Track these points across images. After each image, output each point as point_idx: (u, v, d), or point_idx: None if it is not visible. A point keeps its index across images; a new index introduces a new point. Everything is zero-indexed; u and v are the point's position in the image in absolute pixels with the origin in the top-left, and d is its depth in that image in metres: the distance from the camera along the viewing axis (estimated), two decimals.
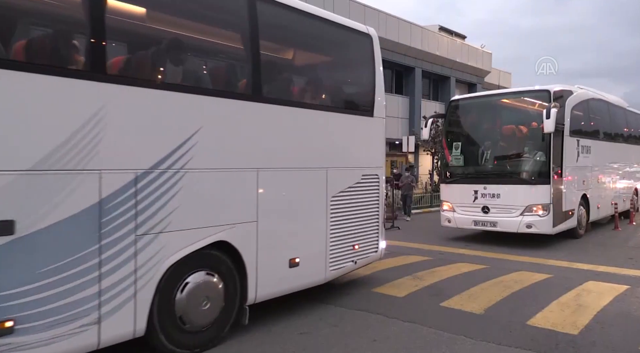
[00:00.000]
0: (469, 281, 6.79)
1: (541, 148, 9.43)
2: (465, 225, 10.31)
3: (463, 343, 4.51)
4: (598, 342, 4.54)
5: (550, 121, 8.71)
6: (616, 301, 5.86)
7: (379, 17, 22.02)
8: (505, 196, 9.58)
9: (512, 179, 9.68)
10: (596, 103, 12.31)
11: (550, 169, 9.27)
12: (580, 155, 10.72)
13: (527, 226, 9.32)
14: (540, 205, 9.27)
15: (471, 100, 11.57)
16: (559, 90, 10.05)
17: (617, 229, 12.26)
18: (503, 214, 9.62)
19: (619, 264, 8.09)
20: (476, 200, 9.94)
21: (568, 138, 10.04)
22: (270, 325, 5.02)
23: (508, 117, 10.67)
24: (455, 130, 11.20)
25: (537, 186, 9.33)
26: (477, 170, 10.42)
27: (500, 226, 9.68)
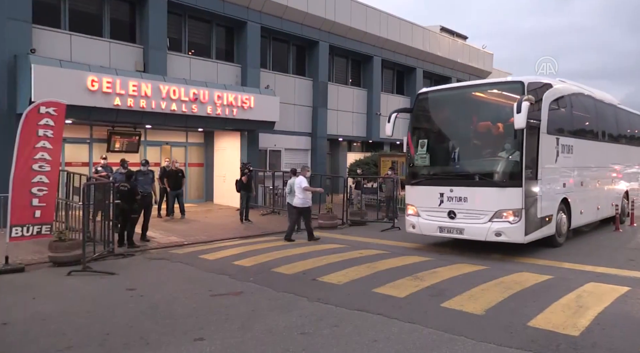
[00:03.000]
0: (469, 282, 6.78)
1: (513, 146, 8.45)
2: (430, 232, 9.33)
3: (463, 344, 4.51)
4: (599, 344, 4.53)
5: (521, 116, 7.78)
6: (617, 302, 5.85)
7: (380, 18, 22.00)
8: (473, 200, 8.68)
9: (480, 181, 8.71)
10: (580, 99, 11.27)
11: (522, 170, 8.29)
12: (561, 155, 9.66)
13: (496, 234, 8.41)
14: (510, 211, 8.35)
15: (439, 93, 10.24)
16: (535, 82, 9.13)
17: (618, 230, 12.24)
18: (470, 220, 8.71)
19: (619, 265, 8.08)
20: (442, 204, 9.00)
21: (545, 136, 9.02)
22: (271, 325, 5.03)
23: (477, 112, 9.49)
24: (422, 126, 10.15)
25: (507, 189, 8.39)
26: (443, 171, 9.49)
27: (467, 233, 8.76)
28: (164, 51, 15.14)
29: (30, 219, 7.99)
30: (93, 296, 6.31)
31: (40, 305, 5.87)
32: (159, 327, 5.02)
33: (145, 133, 15.98)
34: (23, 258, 8.34)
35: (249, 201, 13.86)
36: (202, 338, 4.68)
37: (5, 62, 11.84)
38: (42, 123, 8.06)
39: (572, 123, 10.59)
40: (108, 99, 12.62)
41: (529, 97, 8.09)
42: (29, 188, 7.94)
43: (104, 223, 8.99)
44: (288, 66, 19.94)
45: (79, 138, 14.65)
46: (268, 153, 18.68)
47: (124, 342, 4.61)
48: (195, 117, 14.63)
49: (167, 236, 10.93)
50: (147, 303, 5.92)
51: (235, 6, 16.65)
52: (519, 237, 8.42)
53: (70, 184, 10.63)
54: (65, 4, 13.63)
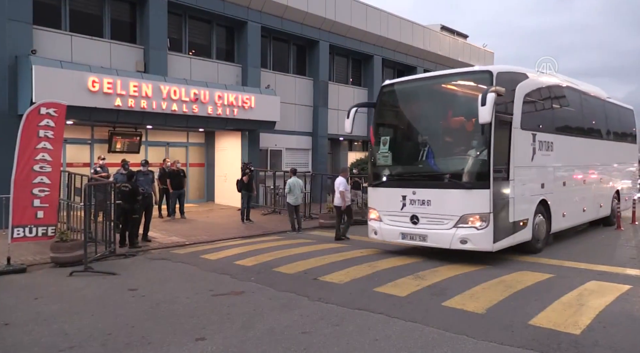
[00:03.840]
0: (470, 280, 6.78)
1: (480, 143, 7.67)
2: (392, 238, 8.58)
3: (465, 343, 4.51)
4: (600, 342, 4.53)
5: (485, 110, 6.98)
6: (618, 301, 5.84)
7: (381, 17, 21.99)
8: (437, 204, 7.93)
9: (444, 182, 7.98)
10: (562, 91, 10.49)
11: (490, 170, 7.52)
12: (538, 153, 8.87)
13: (462, 241, 7.65)
14: (477, 215, 7.58)
15: (402, 84, 9.29)
16: (506, 72, 8.33)
17: (620, 229, 12.23)
18: (434, 225, 7.96)
19: (621, 264, 8.08)
20: (404, 208, 8.26)
21: (519, 132, 8.27)
22: (273, 325, 5.03)
23: (442, 106, 8.70)
24: (385, 121, 9.39)
25: (473, 191, 7.64)
26: (405, 171, 8.73)
27: (430, 240, 8.01)
28: (165, 51, 15.15)
29: (32, 220, 8.00)
30: (95, 296, 6.32)
31: (42, 305, 5.88)
32: (160, 327, 5.03)
33: (146, 133, 16.00)
34: (25, 258, 8.36)
35: (250, 201, 13.87)
36: (204, 337, 4.68)
37: (6, 63, 11.86)
38: (42, 124, 8.08)
39: (552, 118, 9.86)
40: (109, 99, 12.64)
41: (496, 88, 7.32)
42: (30, 188, 7.96)
43: (105, 224, 9.01)
44: (288, 66, 19.94)
45: (80, 139, 14.67)
46: (269, 153, 18.69)
47: (125, 341, 4.62)
48: (196, 117, 14.64)
49: (169, 236, 10.95)
50: (148, 303, 5.93)
51: (235, 6, 16.65)
52: (486, 245, 7.63)
53: (72, 184, 10.64)
54: (65, 4, 13.65)
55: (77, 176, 10.36)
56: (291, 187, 12.19)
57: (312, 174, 16.72)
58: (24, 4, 12.12)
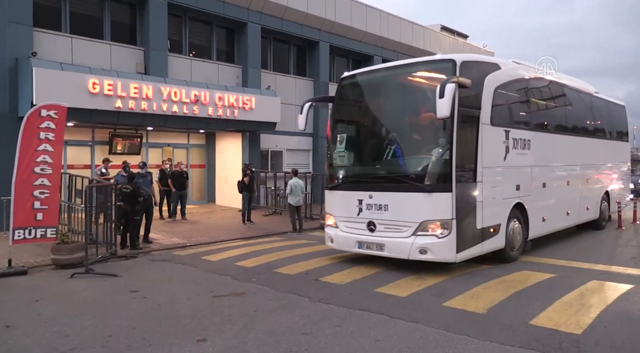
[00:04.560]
0: (471, 281, 6.78)
1: (441, 141, 6.91)
2: (348, 247, 7.84)
3: (466, 343, 4.51)
4: (601, 342, 4.52)
5: (444, 102, 6.26)
6: (620, 300, 5.84)
7: (381, 17, 22.00)
8: (395, 209, 7.18)
9: (402, 185, 7.15)
10: (542, 85, 9.70)
11: (452, 170, 6.76)
12: (512, 151, 8.14)
13: (421, 251, 6.89)
14: (437, 221, 6.82)
15: (362, 76, 8.42)
16: (473, 62, 7.67)
17: (621, 228, 12.21)
18: (391, 233, 7.19)
19: (622, 263, 8.06)
20: (361, 213, 7.50)
21: (489, 129, 7.55)
22: (274, 326, 5.03)
23: (400, 99, 7.91)
24: (342, 118, 8.62)
25: (433, 194, 6.84)
26: (362, 172, 7.96)
27: (387, 250, 7.24)
28: (165, 53, 15.16)
29: (33, 222, 8.01)
30: (96, 298, 6.32)
31: (43, 307, 5.88)
32: (161, 328, 5.03)
33: (146, 134, 16.02)
34: (26, 260, 8.37)
35: (251, 202, 13.87)
36: (205, 339, 4.68)
37: (7, 66, 11.87)
38: (43, 126, 8.09)
39: (530, 114, 9.10)
40: (109, 101, 12.65)
41: (459, 78, 6.69)
42: (31, 190, 7.96)
43: (106, 225, 9.01)
44: (289, 67, 19.95)
45: (81, 141, 14.69)
46: (270, 154, 18.70)
47: (126, 343, 4.62)
48: (196, 118, 14.65)
49: (170, 238, 10.95)
50: (149, 305, 5.93)
51: (235, 7, 16.67)
52: (448, 255, 6.88)
53: (73, 186, 10.65)
54: (66, 7, 13.67)
55: (78, 178, 10.37)
56: (292, 188, 12.19)
57: (313, 175, 16.72)
58: (24, 6, 12.14)
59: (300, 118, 8.43)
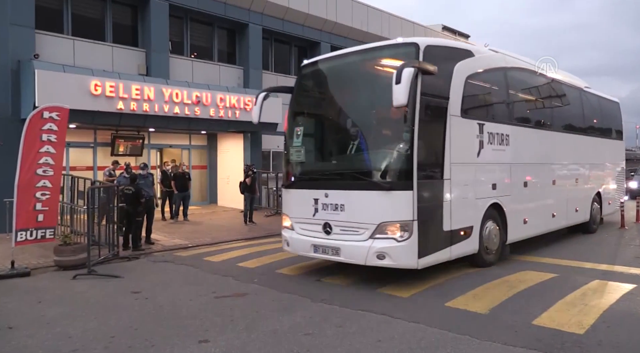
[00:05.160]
0: (473, 281, 6.76)
1: (401, 133, 6.22)
2: (304, 251, 7.10)
3: (468, 343, 4.50)
4: (604, 342, 4.51)
5: (400, 89, 5.54)
6: (622, 300, 5.82)
7: (382, 17, 22.00)
8: (352, 209, 6.48)
9: (359, 182, 6.44)
10: (524, 76, 9.06)
11: (413, 166, 6.06)
12: (487, 147, 7.49)
13: (379, 256, 6.17)
14: (397, 223, 6.10)
15: (321, 64, 7.68)
16: (440, 46, 7.15)
17: (623, 228, 12.17)
18: (348, 236, 6.48)
19: (625, 263, 8.04)
20: (316, 214, 6.81)
21: (459, 121, 6.90)
22: (276, 326, 5.03)
23: (358, 88, 7.19)
24: (300, 109, 7.89)
25: (392, 193, 6.14)
26: (319, 169, 7.32)
27: (344, 254, 6.52)
28: (166, 54, 15.20)
29: (34, 224, 8.04)
30: (98, 299, 6.33)
31: (45, 308, 5.90)
32: (163, 329, 5.04)
33: (148, 136, 16.05)
34: (29, 262, 8.39)
35: (252, 203, 13.88)
36: (207, 340, 4.69)
37: (9, 68, 11.92)
38: (45, 128, 8.11)
39: (509, 107, 8.44)
40: (111, 103, 12.68)
41: (420, 63, 6.05)
42: (33, 192, 7.99)
43: (108, 227, 9.03)
44: (290, 67, 19.97)
45: (83, 142, 14.72)
46: (271, 155, 18.71)
47: (129, 344, 4.63)
48: (198, 119, 14.67)
49: (172, 239, 10.97)
50: (151, 306, 5.94)
51: (236, 8, 16.69)
52: (408, 260, 6.15)
53: (75, 188, 10.68)
54: (67, 9, 13.71)
55: (80, 180, 10.40)
56: None
57: None
58: (26, 8, 12.18)
59: (254, 110, 7.75)
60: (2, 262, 8.09)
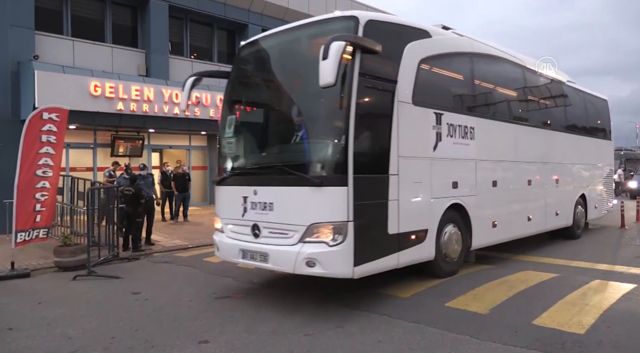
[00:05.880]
0: (473, 281, 6.76)
1: (335, 119, 5.34)
2: (232, 257, 6.16)
3: (468, 344, 4.50)
4: (604, 342, 4.50)
5: (328, 66, 4.74)
6: (623, 300, 5.82)
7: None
8: (281, 208, 5.62)
9: (288, 177, 5.54)
10: (495, 64, 8.30)
11: (348, 158, 5.17)
12: (447, 140, 6.71)
13: (308, 263, 5.24)
14: (328, 225, 5.20)
15: (256, 43, 6.79)
16: (384, 23, 6.11)
17: (624, 227, 12.16)
18: (277, 239, 5.60)
19: (625, 263, 8.04)
20: (245, 213, 5.95)
21: (410, 109, 6.05)
22: (276, 327, 5.03)
23: (292, 69, 6.39)
24: (235, 96, 7.00)
25: (324, 189, 5.23)
26: (249, 162, 6.48)
27: (272, 261, 5.60)
28: (166, 55, 15.21)
29: (32, 224, 8.05)
30: (98, 300, 6.33)
31: (45, 309, 5.89)
32: (163, 330, 5.04)
33: (148, 137, 16.05)
34: (29, 263, 8.39)
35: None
36: (207, 340, 4.68)
37: (9, 69, 11.93)
38: (45, 129, 8.12)
39: (474, 96, 7.61)
40: (111, 104, 12.69)
41: (356, 39, 5.24)
42: (33, 193, 7.99)
43: (108, 228, 9.03)
44: None
45: (83, 143, 14.73)
46: None
47: (129, 345, 4.63)
48: (197, 120, 14.69)
49: (172, 240, 10.97)
50: (152, 307, 5.94)
51: (236, 9, 16.71)
52: (341, 268, 5.24)
53: (75, 189, 10.68)
54: (67, 10, 13.72)
55: (80, 181, 10.39)
56: None
57: None
58: (26, 9, 12.19)
59: (182, 96, 6.88)
60: (2, 263, 8.09)
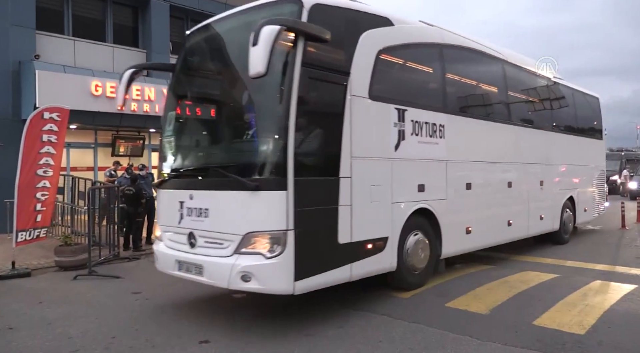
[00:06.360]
0: (474, 281, 6.76)
1: (275, 115, 4.77)
2: (169, 269, 5.52)
3: (468, 344, 4.50)
4: (605, 342, 4.50)
5: (257, 53, 4.15)
6: (623, 301, 5.82)
7: None
8: (216, 214, 5.04)
9: (223, 180, 4.99)
10: (469, 57, 7.69)
11: (288, 159, 4.58)
12: (411, 139, 6.07)
13: (243, 278, 4.64)
14: (265, 234, 4.63)
15: (200, 32, 6.17)
16: (334, 7, 5.34)
17: (624, 228, 12.16)
18: (212, 250, 5.00)
19: (626, 263, 8.04)
20: (182, 220, 5.37)
21: (366, 104, 5.47)
22: (276, 327, 5.03)
23: (231, 60, 5.68)
24: (177, 90, 6.40)
25: (260, 194, 4.66)
26: (186, 163, 5.87)
27: (207, 274, 4.99)
28: (167, 55, 15.20)
29: (33, 224, 8.06)
30: (99, 300, 6.34)
31: (46, 309, 5.90)
32: (164, 330, 5.04)
33: (149, 136, 16.04)
34: (29, 262, 8.39)
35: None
36: (208, 340, 4.69)
37: (10, 69, 11.94)
38: (46, 129, 8.12)
39: (444, 91, 6.96)
40: (112, 103, 12.67)
41: (296, 23, 4.67)
42: (34, 193, 8.00)
43: (109, 227, 9.04)
44: None
45: (84, 143, 14.73)
46: None
47: (129, 345, 4.63)
48: None
49: None
50: (152, 306, 5.94)
51: None
52: (280, 283, 4.64)
53: (76, 189, 10.69)
54: (68, 10, 13.73)
55: (81, 180, 10.40)
56: None
57: None
58: (27, 9, 12.20)
59: (119, 90, 6.19)
60: (3, 263, 8.10)
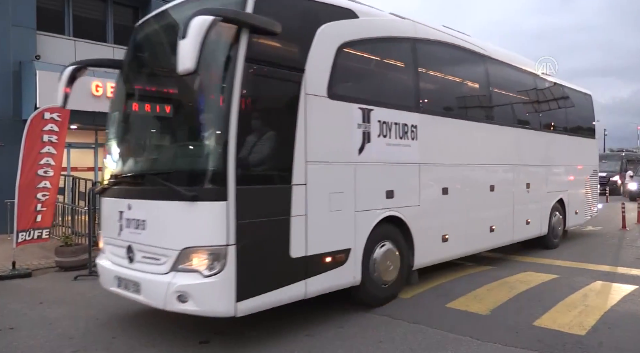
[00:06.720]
0: (474, 282, 6.76)
1: (215, 116, 4.31)
2: (110, 285, 5.03)
3: (469, 344, 4.50)
4: (605, 343, 4.50)
5: (186, 47, 3.73)
6: (624, 301, 5.82)
7: None
8: (153, 226, 4.59)
9: (161, 189, 4.47)
10: (446, 52, 7.16)
11: (228, 165, 4.10)
12: (377, 141, 5.55)
13: (180, 298, 4.22)
14: (203, 249, 4.16)
15: (148, 23, 5.71)
16: None
17: (624, 228, 12.16)
18: (149, 265, 4.54)
19: (626, 264, 8.04)
20: (121, 232, 4.90)
21: (324, 103, 4.97)
22: (276, 327, 5.03)
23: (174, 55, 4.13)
24: (122, 88, 5.92)
25: (197, 205, 4.16)
26: (126, 169, 5.28)
27: (144, 292, 4.54)
28: None
29: (33, 224, 8.06)
30: (99, 300, 6.32)
31: (47, 309, 5.90)
32: (164, 330, 5.04)
33: None
34: (30, 263, 8.40)
35: None
36: (208, 340, 4.69)
37: (10, 69, 11.95)
38: (46, 129, 8.12)
39: (417, 89, 6.40)
40: None
41: (236, 13, 4.24)
42: (35, 193, 8.00)
43: None
44: None
45: (84, 143, 14.73)
46: None
47: (130, 345, 4.63)
48: None
49: None
50: (152, 307, 5.93)
51: None
52: (220, 305, 4.19)
53: (76, 189, 10.69)
54: (69, 10, 13.75)
55: (82, 181, 10.41)
56: None
57: None
58: (27, 10, 12.22)
59: (59, 88, 5.79)
60: (3, 263, 8.10)
